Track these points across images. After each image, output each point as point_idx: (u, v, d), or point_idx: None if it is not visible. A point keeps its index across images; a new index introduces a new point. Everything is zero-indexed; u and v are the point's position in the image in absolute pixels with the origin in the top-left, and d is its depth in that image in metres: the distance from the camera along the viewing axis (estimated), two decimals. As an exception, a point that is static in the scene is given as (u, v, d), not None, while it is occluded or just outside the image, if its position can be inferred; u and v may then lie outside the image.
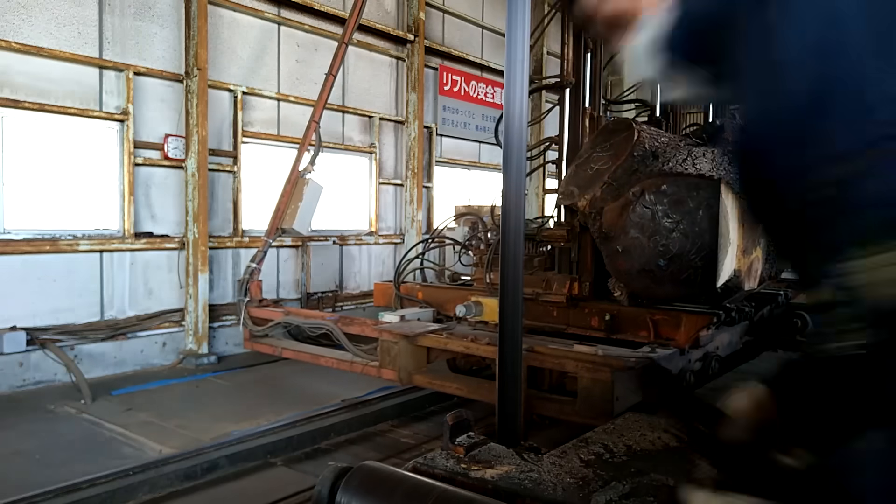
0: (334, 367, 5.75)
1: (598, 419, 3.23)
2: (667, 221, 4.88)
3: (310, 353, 6.07)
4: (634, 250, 4.92)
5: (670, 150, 5.41)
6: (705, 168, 5.04)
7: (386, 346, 5.29)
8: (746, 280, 5.14)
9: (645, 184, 5.00)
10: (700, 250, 4.86)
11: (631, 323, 5.25)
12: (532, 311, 5.72)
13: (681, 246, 4.86)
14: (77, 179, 7.40)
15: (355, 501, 2.31)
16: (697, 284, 4.93)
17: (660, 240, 4.88)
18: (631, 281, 5.15)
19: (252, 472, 4.84)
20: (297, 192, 7.64)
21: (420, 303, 6.47)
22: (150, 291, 7.97)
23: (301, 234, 7.80)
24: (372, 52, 11.15)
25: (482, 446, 2.62)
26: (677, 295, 5.13)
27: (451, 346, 5.08)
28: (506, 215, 3.07)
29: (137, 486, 4.32)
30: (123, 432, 5.56)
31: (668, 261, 4.86)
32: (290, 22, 9.65)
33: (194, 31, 8.06)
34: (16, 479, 4.53)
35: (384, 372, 5.31)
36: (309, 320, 6.32)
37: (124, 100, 7.62)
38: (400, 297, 6.65)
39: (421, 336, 5.19)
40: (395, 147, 11.78)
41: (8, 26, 6.73)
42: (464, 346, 4.99)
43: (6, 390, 6.69)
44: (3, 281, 6.75)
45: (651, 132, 5.74)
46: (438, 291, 6.58)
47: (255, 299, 6.94)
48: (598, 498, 2.21)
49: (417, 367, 5.30)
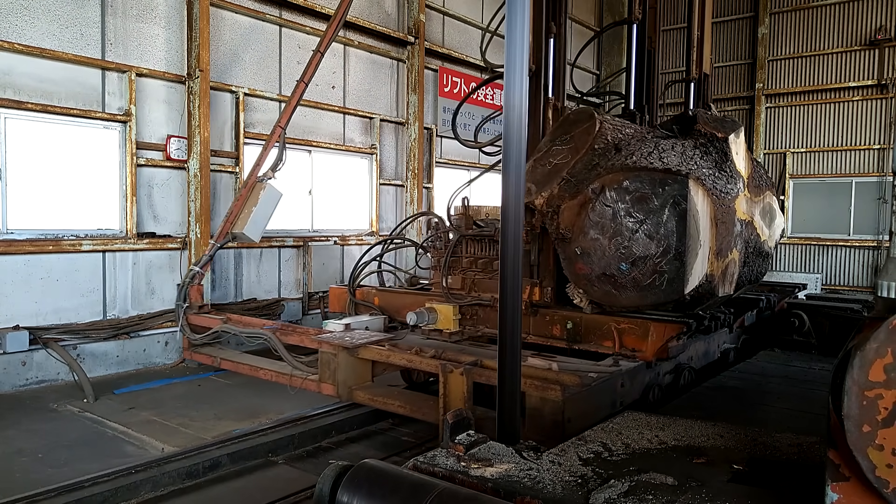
0: (273, 380, 5.32)
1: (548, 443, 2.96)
2: (629, 221, 4.46)
3: (249, 364, 5.63)
4: (594, 253, 4.54)
5: (635, 142, 4.98)
6: (673, 162, 4.60)
7: (325, 359, 4.88)
8: (721, 285, 4.78)
9: (605, 179, 4.57)
10: (666, 253, 4.45)
11: (595, 332, 4.82)
12: (491, 318, 5.42)
13: (645, 248, 4.44)
14: (79, 180, 7.43)
15: (356, 499, 2.33)
16: (663, 291, 4.52)
17: (621, 241, 4.47)
18: (590, 287, 4.72)
19: (254, 471, 4.86)
20: (252, 196, 7.21)
21: (375, 309, 6.09)
22: (152, 291, 8.00)
23: (252, 240, 7.31)
24: (372, 53, 11.17)
25: (482, 444, 2.64)
26: (642, 302, 4.68)
27: (393, 360, 4.68)
28: (506, 215, 2.92)
29: (140, 484, 4.34)
30: (126, 431, 5.58)
31: (631, 264, 4.47)
32: (291, 24, 9.67)
33: (196, 32, 8.09)
34: (19, 478, 4.56)
35: (324, 387, 4.90)
36: (247, 329, 5.82)
37: (127, 101, 7.65)
38: (355, 302, 6.27)
39: (362, 348, 4.77)
40: (395, 148, 11.80)
41: (10, 27, 6.76)
42: (406, 359, 4.59)
43: (9, 389, 6.72)
44: (6, 281, 6.78)
45: (615, 123, 5.32)
46: (395, 296, 6.16)
47: (196, 305, 6.48)
48: (598, 496, 2.23)
49: (360, 381, 4.89)
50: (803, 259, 15.04)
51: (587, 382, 3.86)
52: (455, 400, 4.04)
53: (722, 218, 4.71)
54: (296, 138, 9.83)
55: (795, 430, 3.04)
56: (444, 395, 4.11)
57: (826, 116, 14.72)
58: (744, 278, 5.45)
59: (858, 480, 1.70)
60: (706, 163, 4.84)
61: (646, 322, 4.60)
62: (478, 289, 5.66)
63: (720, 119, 5.37)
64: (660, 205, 4.43)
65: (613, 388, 4.17)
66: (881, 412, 1.62)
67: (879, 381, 1.62)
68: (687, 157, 4.73)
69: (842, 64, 14.49)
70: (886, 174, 13.87)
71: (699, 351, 5.27)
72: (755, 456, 2.65)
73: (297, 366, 5.32)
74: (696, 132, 5.07)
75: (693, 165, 4.66)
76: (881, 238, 13.86)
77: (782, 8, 15.13)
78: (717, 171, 4.85)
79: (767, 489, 2.33)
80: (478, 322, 5.60)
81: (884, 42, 13.84)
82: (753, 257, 5.53)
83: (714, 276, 4.67)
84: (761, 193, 5.65)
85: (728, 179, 4.90)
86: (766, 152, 15.41)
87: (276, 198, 7.40)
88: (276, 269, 9.56)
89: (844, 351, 1.76)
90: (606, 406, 4.05)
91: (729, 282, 4.92)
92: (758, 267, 5.75)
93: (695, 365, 5.16)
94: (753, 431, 2.95)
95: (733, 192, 4.93)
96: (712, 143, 4.98)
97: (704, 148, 4.96)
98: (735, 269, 5.00)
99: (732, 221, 4.87)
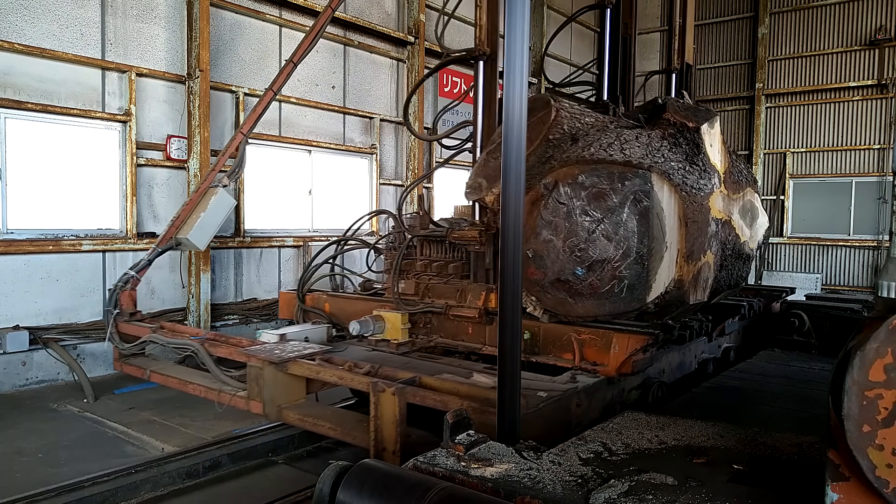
0: (202, 395, 4.81)
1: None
2: (585, 220, 4.00)
3: (178, 378, 5.11)
4: (547, 256, 4.07)
5: (595, 132, 4.47)
6: (636, 154, 4.13)
7: (254, 374, 4.38)
8: (692, 292, 4.33)
9: (559, 174, 4.11)
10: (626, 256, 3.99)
11: (554, 343, 4.31)
12: (445, 327, 4.93)
13: (602, 251, 3.97)
14: (79, 180, 7.43)
15: (356, 499, 2.33)
16: (623, 299, 4.07)
17: (577, 243, 3.98)
18: (543, 294, 4.21)
19: (254, 471, 4.86)
20: (203, 201, 6.58)
21: (323, 316, 5.65)
22: (152, 291, 8.00)
23: (198, 248, 6.68)
24: (372, 53, 11.17)
25: (482, 444, 2.64)
26: (599, 311, 4.19)
27: (324, 376, 4.21)
28: (505, 215, 2.82)
29: (140, 484, 4.35)
30: (126, 431, 5.58)
31: (588, 269, 4.01)
32: (291, 24, 9.68)
33: (196, 32, 8.09)
34: (19, 478, 4.56)
35: (252, 405, 4.41)
36: (174, 339, 5.25)
37: (127, 101, 7.65)
38: (303, 309, 5.80)
39: (291, 362, 4.29)
40: (395, 148, 11.81)
41: (11, 27, 6.76)
42: (337, 375, 4.11)
43: (9, 389, 6.72)
44: (6, 280, 6.78)
45: (574, 111, 4.82)
46: (347, 303, 5.68)
47: (127, 312, 5.86)
48: (597, 496, 2.22)
49: (291, 398, 4.38)
50: (803, 259, 15.03)
51: (534, 404, 3.37)
52: (386, 423, 3.55)
53: (693, 217, 4.29)
54: (296, 138, 9.83)
55: (795, 430, 3.03)
56: (374, 418, 3.59)
57: (826, 116, 14.72)
58: (722, 283, 4.97)
59: (858, 480, 1.70)
60: (675, 155, 4.40)
61: (608, 333, 4.12)
62: (432, 294, 5.20)
63: (693, 107, 4.83)
64: (619, 202, 3.99)
65: (567, 409, 3.67)
66: (881, 412, 1.62)
67: (879, 381, 1.62)
68: (653, 148, 4.27)
69: (842, 64, 14.49)
70: (886, 174, 13.87)
71: (672, 363, 4.73)
72: (755, 456, 2.65)
73: (225, 380, 4.76)
74: (664, 122, 4.60)
75: (659, 158, 4.21)
76: (881, 238, 13.86)
77: (782, 8, 15.13)
78: (687, 165, 4.42)
79: (767, 489, 2.33)
80: (431, 331, 5.09)
81: (884, 42, 13.84)
82: (732, 260, 5.01)
83: (684, 282, 4.25)
84: (741, 190, 5.17)
85: (701, 174, 4.46)
86: (766, 152, 15.41)
87: (227, 205, 6.76)
88: (276, 269, 9.57)
89: (844, 351, 1.76)
90: (558, 429, 3.50)
91: (702, 287, 4.47)
92: (738, 270, 5.22)
93: (667, 379, 4.60)
94: (753, 431, 2.95)
95: (707, 189, 4.50)
96: (682, 133, 4.49)
97: (674, 139, 4.49)
98: (710, 273, 4.54)
99: (706, 221, 4.42)
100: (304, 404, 4.45)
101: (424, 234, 5.45)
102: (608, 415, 3.93)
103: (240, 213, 9.05)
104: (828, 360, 5.59)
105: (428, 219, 5.64)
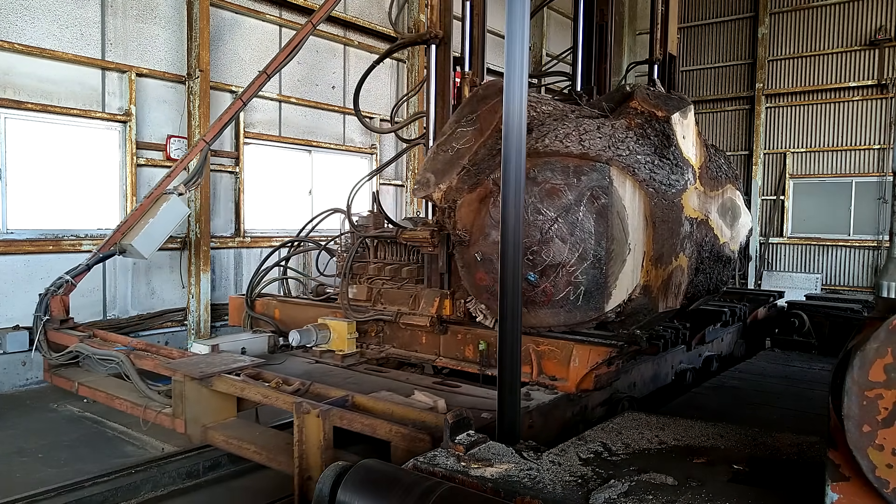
0: (129, 412, 4.45)
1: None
2: (538, 220, 3.65)
3: (105, 392, 4.74)
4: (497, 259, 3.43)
5: (552, 121, 4.08)
6: (596, 146, 3.75)
7: (178, 390, 4.00)
8: (662, 298, 3.99)
9: None
10: (582, 259, 3.62)
11: None
12: (398, 336, 4.58)
13: (557, 254, 3.62)
14: (79, 180, 7.43)
15: (356, 499, 2.33)
16: (579, 307, 3.71)
17: (529, 245, 3.60)
18: (493, 301, 3.72)
19: (254, 471, 4.85)
20: (153, 208, 6.20)
21: (271, 323, 5.35)
22: (152, 291, 8.00)
23: (142, 256, 6.23)
24: (373, 53, 11.16)
25: (482, 444, 2.64)
26: (554, 321, 3.83)
27: (248, 394, 3.80)
28: (505, 216, 2.74)
29: (140, 484, 4.34)
30: (126, 431, 5.57)
31: (541, 274, 3.66)
32: (291, 24, 9.67)
33: (196, 32, 8.09)
34: (19, 478, 4.55)
35: (177, 423, 4.02)
36: (101, 350, 4.81)
37: (127, 101, 7.65)
38: (251, 315, 5.49)
39: (216, 378, 3.90)
40: (395, 148, 11.79)
41: (11, 27, 6.76)
42: (262, 394, 3.70)
43: (9, 389, 6.72)
44: (7, 280, 6.78)
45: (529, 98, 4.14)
46: (297, 309, 5.36)
47: (57, 318, 5.45)
48: (597, 496, 2.22)
49: (219, 416, 3.98)
50: (803, 259, 15.03)
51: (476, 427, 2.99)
52: (311, 447, 3.24)
53: (662, 216, 3.91)
54: (296, 138, 9.83)
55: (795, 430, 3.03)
56: (298, 442, 3.26)
57: (826, 116, 14.72)
58: (700, 288, 4.59)
59: (858, 480, 1.70)
60: (642, 148, 3.97)
61: (568, 344, 3.76)
62: (384, 300, 4.82)
63: (664, 95, 4.42)
64: (574, 199, 3.61)
65: None
66: (881, 412, 1.62)
67: (879, 381, 1.62)
68: (616, 140, 3.84)
69: (842, 64, 14.49)
70: (886, 174, 13.87)
71: (645, 375, 4.31)
72: (755, 456, 2.65)
73: (151, 396, 4.41)
74: (630, 111, 4.11)
75: (623, 150, 3.80)
76: (881, 238, 13.86)
77: (782, 8, 15.12)
78: (656, 159, 3.99)
79: (767, 489, 2.32)
80: (383, 340, 4.72)
81: (884, 42, 13.84)
82: (710, 263, 4.58)
83: (652, 288, 3.88)
84: (720, 187, 4.72)
85: (672, 169, 4.04)
86: (766, 152, 15.41)
87: (179, 213, 6.37)
88: (276, 269, 9.54)
89: (844, 351, 1.76)
90: None
91: (674, 294, 4.09)
92: (717, 274, 4.78)
93: (637, 393, 4.19)
94: (753, 431, 2.95)
95: (679, 185, 4.09)
96: (651, 123, 4.04)
97: (641, 130, 4.04)
98: (683, 277, 4.15)
99: (678, 220, 4.05)
100: (233, 424, 4.03)
101: (374, 235, 5.13)
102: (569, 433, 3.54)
103: (240, 213, 9.06)
104: (828, 360, 5.59)
105: (381, 218, 5.27)
